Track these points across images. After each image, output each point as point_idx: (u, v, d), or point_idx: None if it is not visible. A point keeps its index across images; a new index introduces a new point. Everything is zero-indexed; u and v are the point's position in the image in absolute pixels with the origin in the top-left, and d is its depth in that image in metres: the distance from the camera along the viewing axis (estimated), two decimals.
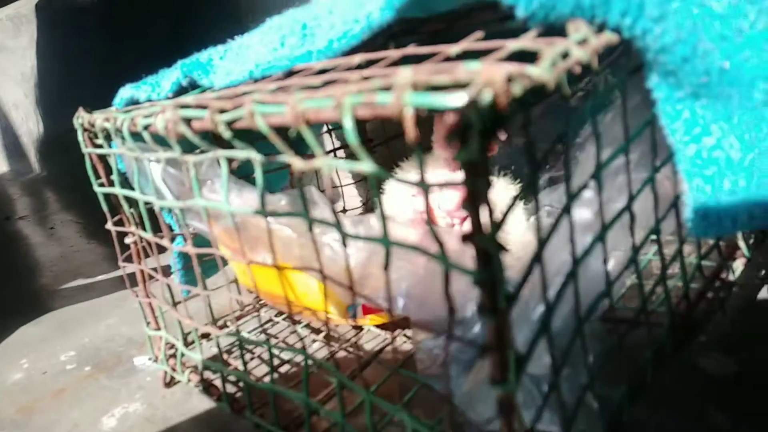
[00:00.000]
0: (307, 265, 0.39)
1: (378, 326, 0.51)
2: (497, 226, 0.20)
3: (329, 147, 0.71)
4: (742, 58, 0.23)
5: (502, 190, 0.49)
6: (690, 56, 0.23)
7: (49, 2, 1.36)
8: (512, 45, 0.23)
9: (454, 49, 0.26)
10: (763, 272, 0.48)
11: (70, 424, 0.50)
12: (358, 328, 0.52)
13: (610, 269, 0.31)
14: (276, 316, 0.58)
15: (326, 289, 0.33)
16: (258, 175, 0.29)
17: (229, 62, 0.38)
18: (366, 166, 0.22)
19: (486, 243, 0.19)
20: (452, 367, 0.35)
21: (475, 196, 0.19)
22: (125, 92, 0.44)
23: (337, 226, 0.26)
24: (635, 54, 0.25)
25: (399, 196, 0.52)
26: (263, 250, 0.41)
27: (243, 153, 0.31)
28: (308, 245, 0.39)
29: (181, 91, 0.41)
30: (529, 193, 0.23)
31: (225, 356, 0.52)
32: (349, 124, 0.22)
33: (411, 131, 0.20)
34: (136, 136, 0.36)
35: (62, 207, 1.34)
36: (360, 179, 0.72)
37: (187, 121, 0.30)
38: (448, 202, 0.48)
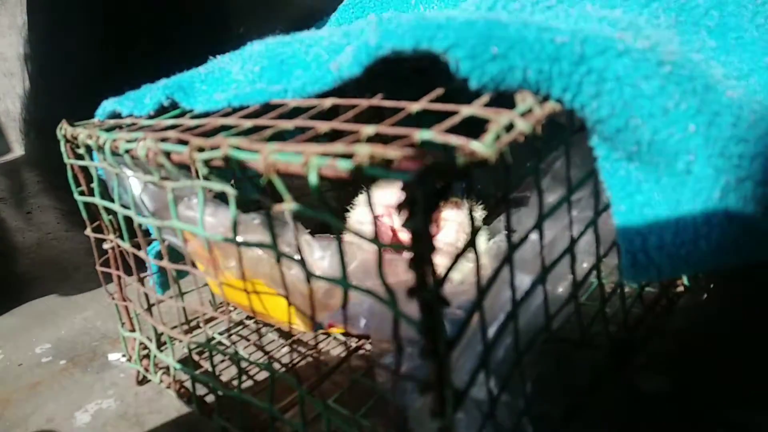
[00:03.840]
0: (277, 282, 0.42)
1: (344, 334, 0.53)
2: (439, 283, 0.22)
3: None
4: (667, 133, 0.26)
5: (465, 214, 0.52)
6: (623, 128, 0.26)
7: None
8: (465, 111, 0.26)
9: (415, 107, 0.28)
10: (705, 296, 0.51)
11: (44, 418, 0.52)
12: (326, 334, 0.55)
13: (553, 301, 0.34)
14: (247, 318, 0.60)
15: (294, 308, 0.36)
16: (231, 208, 0.31)
17: (210, 87, 0.40)
18: (327, 216, 0.25)
19: (429, 298, 0.22)
20: (407, 384, 0.38)
21: (419, 259, 0.22)
22: (108, 105, 0.46)
23: (301, 263, 0.29)
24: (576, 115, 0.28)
25: (365, 209, 0.55)
26: (236, 263, 0.44)
27: (219, 185, 0.33)
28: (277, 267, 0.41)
29: (162, 109, 0.43)
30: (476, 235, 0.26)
31: (197, 357, 0.54)
32: (314, 181, 0.24)
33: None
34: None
35: (41, 190, 1.33)
36: (328, 189, 0.75)
37: (167, 153, 0.32)
38: None
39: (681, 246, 0.28)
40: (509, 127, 0.25)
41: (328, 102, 0.32)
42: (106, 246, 0.49)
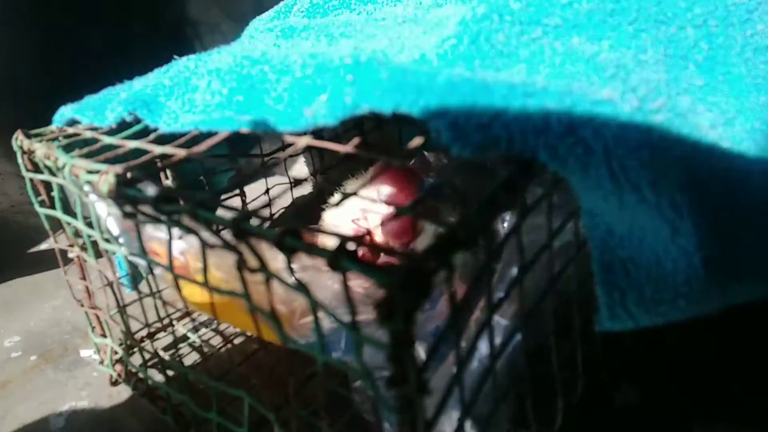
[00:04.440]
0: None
1: None
2: (419, 375, 0.22)
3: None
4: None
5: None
6: (609, 195, 0.26)
7: None
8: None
9: (395, 162, 0.27)
10: None
11: (17, 421, 0.51)
12: None
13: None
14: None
15: (266, 330, 0.35)
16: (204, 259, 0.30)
17: (176, 104, 0.38)
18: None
19: (409, 392, 0.22)
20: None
21: (399, 357, 0.21)
22: (67, 112, 0.43)
23: (272, 317, 0.28)
24: None
25: (341, 213, 0.53)
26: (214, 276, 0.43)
27: (190, 227, 0.32)
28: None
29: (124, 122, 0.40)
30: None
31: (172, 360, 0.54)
32: (287, 258, 0.23)
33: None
34: None
35: (2, 154, 1.27)
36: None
37: (133, 198, 0.30)
38: (390, 222, 0.50)
39: (660, 303, 0.28)
40: (491, 200, 0.24)
41: (303, 141, 0.31)
42: (70, 255, 0.47)
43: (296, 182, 0.46)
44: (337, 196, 0.54)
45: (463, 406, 0.26)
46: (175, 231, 0.37)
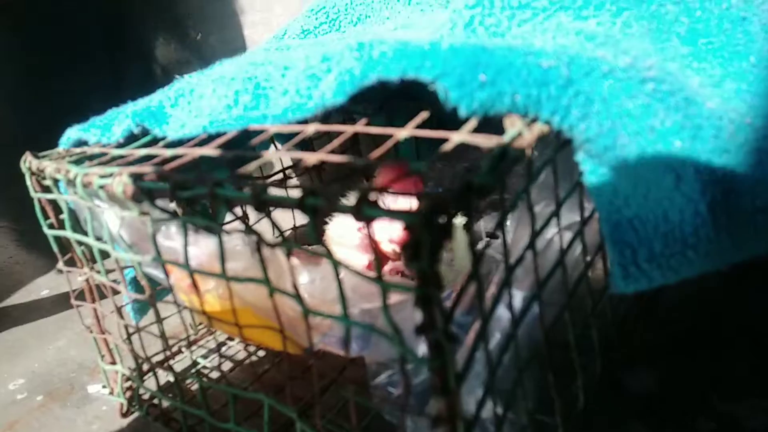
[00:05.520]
0: (262, 306, 0.41)
1: None
2: (448, 319, 0.22)
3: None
4: (654, 150, 0.26)
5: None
6: (611, 146, 0.27)
7: None
8: (456, 138, 0.26)
9: (402, 133, 0.28)
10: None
11: None
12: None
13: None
14: (228, 339, 0.59)
15: (284, 335, 0.35)
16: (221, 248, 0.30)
17: (182, 112, 0.39)
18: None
19: (439, 337, 0.22)
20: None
21: (427, 300, 0.21)
22: (73, 133, 0.44)
23: (299, 299, 0.28)
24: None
25: (347, 222, 0.54)
26: (214, 284, 0.43)
27: (204, 221, 0.32)
28: (263, 290, 0.40)
29: (131, 136, 0.41)
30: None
31: (184, 383, 0.53)
32: (311, 221, 0.24)
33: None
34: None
35: None
36: None
37: (148, 191, 0.31)
38: (395, 231, 0.51)
39: (671, 257, 0.29)
40: (503, 153, 0.25)
41: (312, 128, 0.32)
42: (80, 278, 0.47)
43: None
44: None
45: (489, 366, 0.26)
46: (189, 236, 0.37)
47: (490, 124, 0.27)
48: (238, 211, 0.60)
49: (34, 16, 0.95)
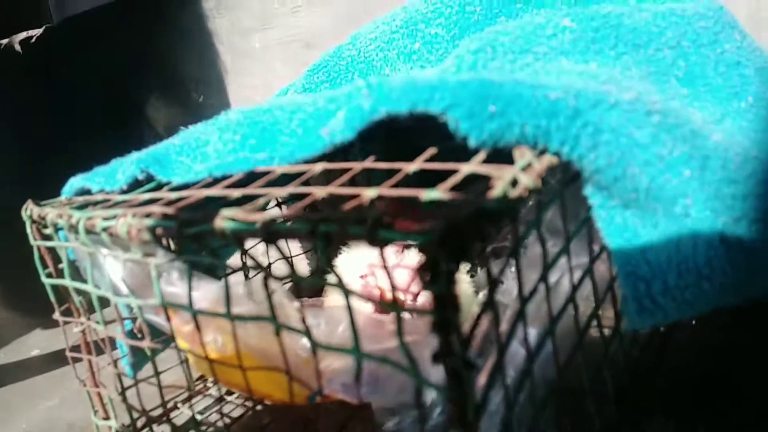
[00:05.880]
0: (265, 354, 0.40)
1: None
2: (466, 345, 0.21)
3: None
4: (664, 179, 0.26)
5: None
6: (620, 177, 0.27)
7: None
8: (465, 169, 0.26)
9: (411, 167, 0.28)
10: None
11: None
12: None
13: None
14: (226, 394, 0.57)
15: (290, 376, 0.34)
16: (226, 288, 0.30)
17: (187, 158, 0.39)
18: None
19: (457, 365, 0.21)
20: None
21: (443, 324, 0.21)
22: (76, 182, 0.44)
23: (306, 333, 0.28)
24: (569, 166, 0.28)
25: (348, 269, 0.53)
26: (213, 338, 0.41)
27: (207, 259, 0.32)
28: (266, 336, 0.39)
29: (135, 183, 0.41)
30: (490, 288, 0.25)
31: None
32: (321, 247, 0.24)
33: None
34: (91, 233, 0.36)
35: None
36: (309, 250, 0.73)
37: (152, 229, 0.31)
38: (399, 279, 0.50)
39: (685, 289, 0.29)
40: (514, 183, 0.25)
41: (319, 167, 0.32)
42: (76, 330, 0.46)
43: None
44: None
45: (507, 400, 0.25)
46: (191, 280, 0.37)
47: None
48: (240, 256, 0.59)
49: (29, 80, 0.97)
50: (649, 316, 0.30)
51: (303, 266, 0.80)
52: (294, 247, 0.74)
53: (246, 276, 0.42)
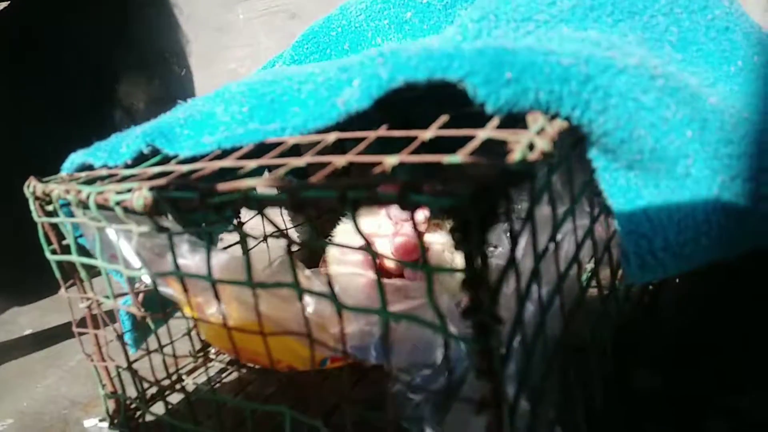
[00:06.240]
0: (277, 321, 0.41)
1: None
2: (494, 301, 0.23)
3: None
4: (668, 140, 0.28)
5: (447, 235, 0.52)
6: (627, 139, 0.28)
7: None
8: (481, 134, 0.27)
9: (427, 134, 0.29)
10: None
11: None
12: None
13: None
14: (229, 364, 0.58)
15: (303, 347, 0.35)
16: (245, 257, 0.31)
17: (194, 131, 0.39)
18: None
19: (485, 318, 0.23)
20: (425, 408, 0.38)
21: (474, 280, 0.22)
22: (77, 157, 0.44)
23: (333, 298, 0.29)
24: (575, 130, 0.30)
25: (347, 238, 0.54)
26: (216, 309, 0.42)
27: (223, 230, 0.32)
28: (278, 304, 0.40)
29: (139, 157, 0.42)
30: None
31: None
32: (350, 213, 0.25)
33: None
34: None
35: None
36: (300, 224, 0.74)
37: (173, 201, 0.31)
38: (398, 242, 0.51)
39: (684, 245, 0.30)
40: (530, 147, 0.26)
41: (332, 136, 0.33)
42: (82, 305, 0.46)
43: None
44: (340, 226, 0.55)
45: (525, 351, 0.27)
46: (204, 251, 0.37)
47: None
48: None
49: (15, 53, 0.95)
50: (650, 271, 0.31)
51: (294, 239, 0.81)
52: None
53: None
